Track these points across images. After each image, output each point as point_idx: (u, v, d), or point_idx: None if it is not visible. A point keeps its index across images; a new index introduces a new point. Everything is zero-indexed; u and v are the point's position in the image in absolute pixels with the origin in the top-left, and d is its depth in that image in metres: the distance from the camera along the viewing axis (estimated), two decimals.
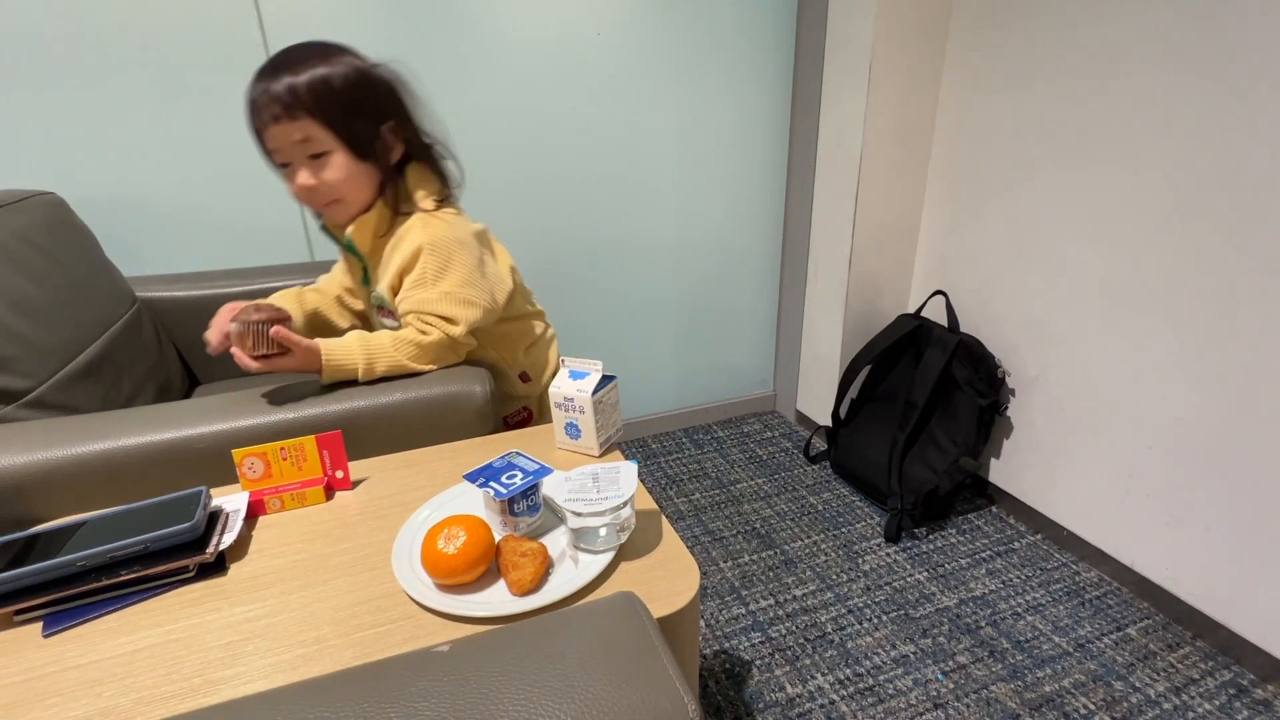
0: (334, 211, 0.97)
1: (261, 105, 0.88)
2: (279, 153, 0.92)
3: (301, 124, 0.90)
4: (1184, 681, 1.17)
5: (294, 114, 0.89)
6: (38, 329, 0.94)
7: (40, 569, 0.62)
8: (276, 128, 0.89)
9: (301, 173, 0.92)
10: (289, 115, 0.89)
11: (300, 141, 0.90)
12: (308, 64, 0.89)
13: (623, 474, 0.69)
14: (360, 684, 0.46)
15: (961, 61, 1.52)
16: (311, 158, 0.91)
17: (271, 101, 0.88)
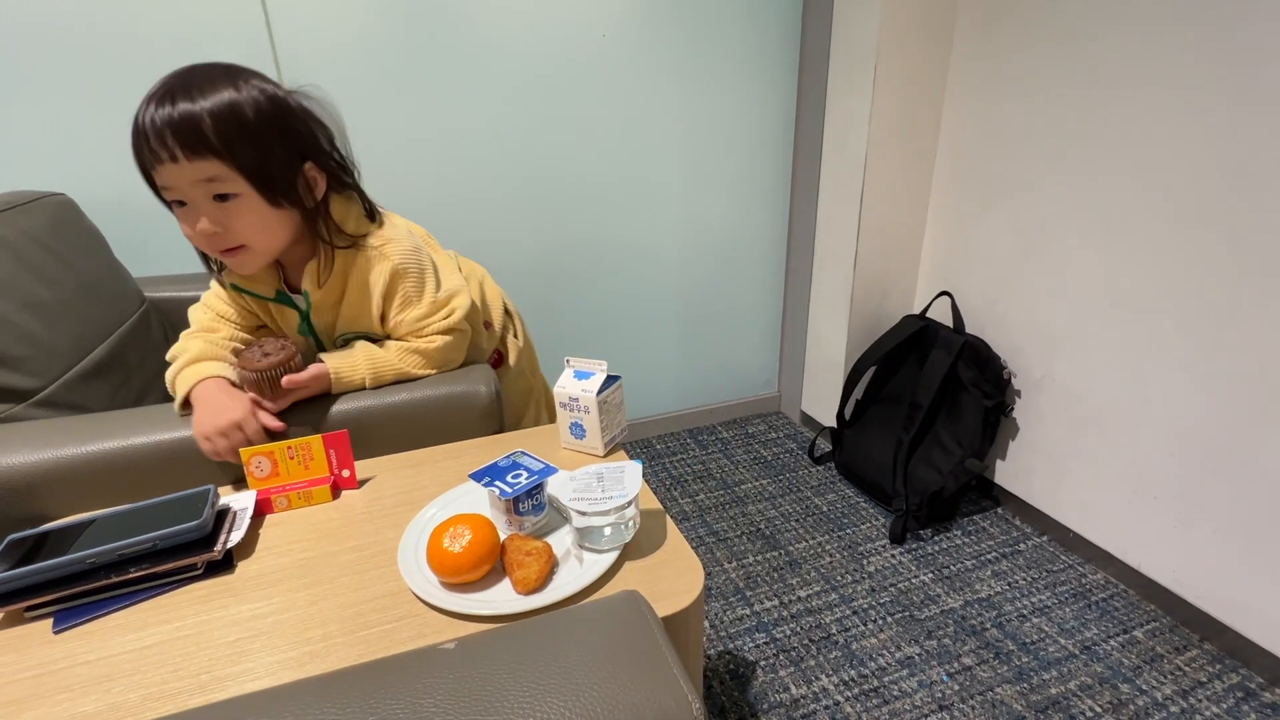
0: (239, 259, 0.83)
1: (152, 137, 0.75)
2: (172, 190, 0.79)
3: (205, 164, 0.77)
4: (1191, 684, 1.16)
5: (196, 152, 0.76)
6: (47, 328, 0.95)
7: (50, 566, 0.63)
8: (172, 167, 0.76)
9: (203, 219, 0.79)
10: (189, 153, 0.76)
11: (203, 181, 0.78)
12: (212, 89, 0.77)
13: (627, 473, 0.69)
14: (366, 681, 0.47)
15: (966, 64, 1.52)
16: (216, 198, 0.79)
17: (166, 134, 0.74)
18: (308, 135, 0.84)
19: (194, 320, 0.94)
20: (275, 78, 1.33)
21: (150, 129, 0.75)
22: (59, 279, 1.02)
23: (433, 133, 1.48)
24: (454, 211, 1.55)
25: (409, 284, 0.91)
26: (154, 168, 0.77)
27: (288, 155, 0.82)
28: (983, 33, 1.46)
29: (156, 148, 0.75)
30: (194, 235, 0.81)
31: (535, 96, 1.53)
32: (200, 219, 0.79)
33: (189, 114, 0.75)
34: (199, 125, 0.76)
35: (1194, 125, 1.13)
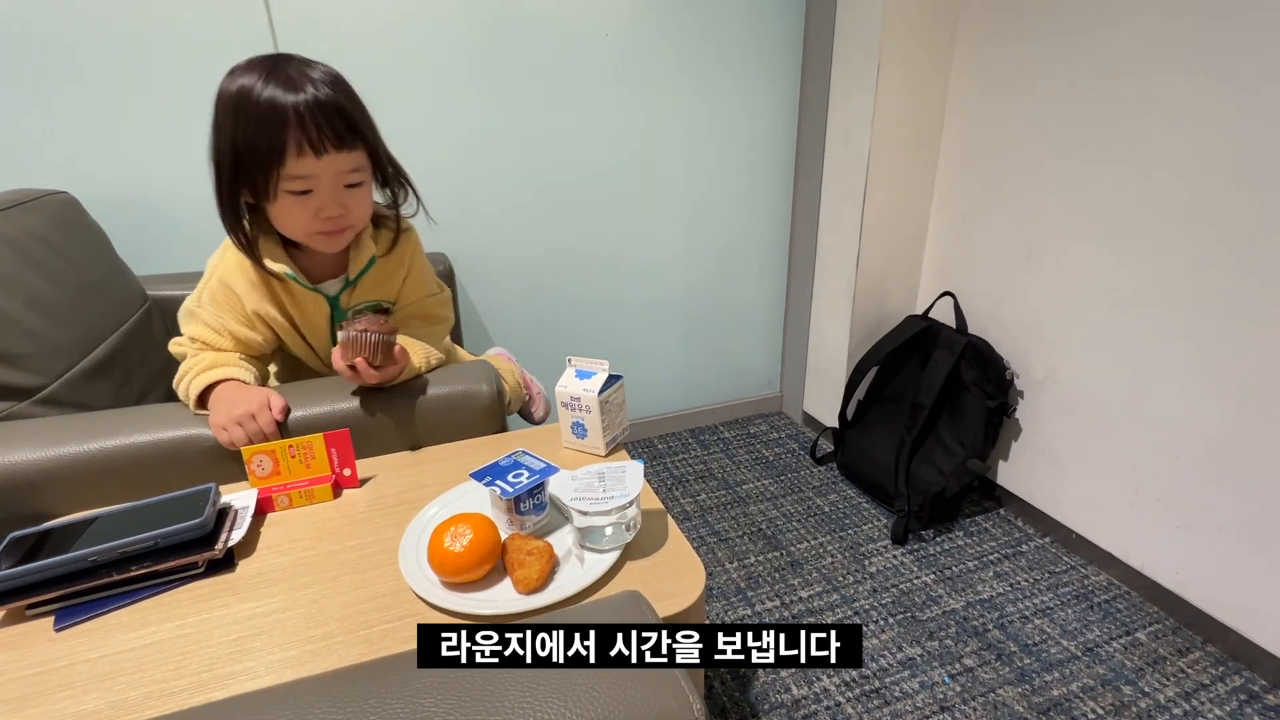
0: (340, 238, 0.86)
1: (310, 128, 0.75)
2: (309, 180, 0.79)
3: (356, 154, 0.81)
4: (1194, 687, 1.16)
5: (351, 142, 0.79)
6: (50, 326, 0.95)
7: (52, 564, 0.63)
8: (331, 157, 0.78)
9: (331, 204, 0.81)
10: (345, 144, 0.78)
11: (347, 171, 0.81)
12: (331, 76, 0.78)
13: (629, 473, 0.69)
14: (366, 680, 0.47)
15: (970, 62, 1.51)
16: (347, 186, 0.82)
17: (328, 124, 0.76)
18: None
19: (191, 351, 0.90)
20: None
21: (307, 116, 0.75)
22: (62, 277, 1.02)
23: (435, 132, 1.48)
24: (455, 211, 1.55)
25: (422, 257, 0.98)
26: (298, 158, 0.77)
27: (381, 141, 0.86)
28: (987, 30, 1.46)
29: (316, 138, 0.76)
30: (309, 221, 0.82)
31: (537, 95, 1.52)
32: (327, 204, 0.81)
33: (339, 104, 0.77)
34: (350, 114, 0.78)
35: (1199, 124, 1.13)
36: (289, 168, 0.78)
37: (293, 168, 0.78)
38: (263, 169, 0.78)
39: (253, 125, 0.76)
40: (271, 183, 0.79)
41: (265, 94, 0.75)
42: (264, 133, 0.76)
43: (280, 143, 0.76)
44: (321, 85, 0.77)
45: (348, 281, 0.93)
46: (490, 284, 1.64)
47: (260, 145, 0.76)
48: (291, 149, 0.76)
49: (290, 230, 0.85)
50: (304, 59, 0.80)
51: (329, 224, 0.83)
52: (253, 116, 0.76)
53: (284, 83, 0.76)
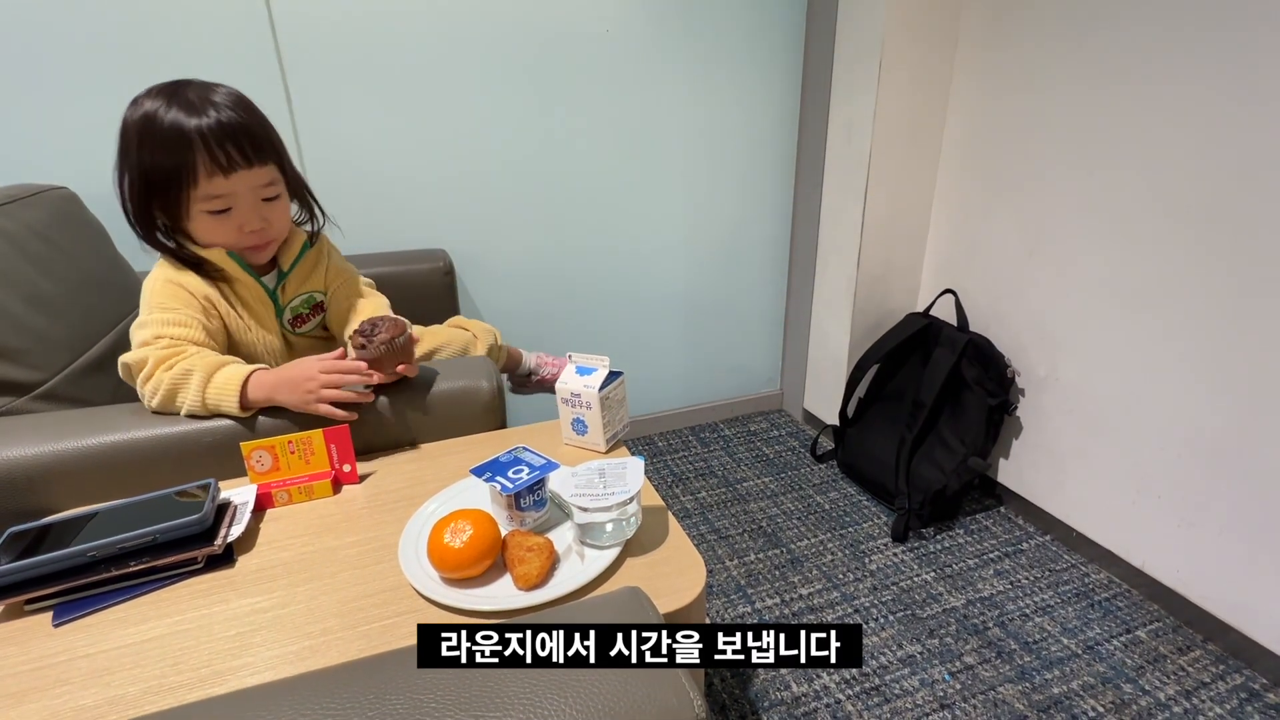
0: (266, 250, 0.92)
1: (215, 148, 0.78)
2: (226, 197, 0.83)
3: (268, 169, 0.84)
4: (1194, 685, 1.16)
5: (261, 157, 0.83)
6: (50, 322, 0.95)
7: (50, 559, 0.63)
8: (242, 174, 0.81)
9: (252, 218, 0.85)
10: (255, 159, 0.82)
11: (262, 186, 0.85)
12: (230, 98, 0.81)
13: (630, 470, 0.69)
14: (366, 675, 0.46)
15: (972, 60, 1.51)
16: (264, 200, 0.86)
17: (232, 143, 0.79)
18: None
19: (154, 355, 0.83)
20: (278, 76, 1.34)
21: (212, 138, 0.78)
22: (61, 272, 1.01)
23: (435, 126, 1.47)
24: (456, 209, 1.55)
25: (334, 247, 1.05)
26: (209, 178, 0.80)
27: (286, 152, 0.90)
28: (989, 28, 1.46)
29: (225, 159, 0.79)
30: (231, 234, 0.85)
31: (537, 91, 1.52)
32: (249, 219, 0.85)
33: (243, 123, 0.80)
34: (255, 131, 0.82)
35: (1201, 122, 1.12)
36: (201, 189, 0.81)
37: (205, 188, 0.81)
38: (174, 192, 0.81)
39: (159, 151, 0.79)
40: (184, 205, 0.82)
41: (168, 119, 0.78)
42: (171, 157, 0.79)
43: (189, 165, 0.79)
44: (224, 108, 0.80)
45: (281, 274, 0.96)
46: (490, 280, 1.63)
47: (169, 169, 0.79)
48: (201, 170, 0.79)
49: (214, 245, 0.87)
50: (205, 82, 0.83)
51: (254, 238, 0.87)
52: (158, 142, 0.78)
53: (186, 107, 0.78)
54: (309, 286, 1.01)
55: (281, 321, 0.99)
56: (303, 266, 0.98)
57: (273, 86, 1.33)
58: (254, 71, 1.32)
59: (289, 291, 0.98)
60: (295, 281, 0.98)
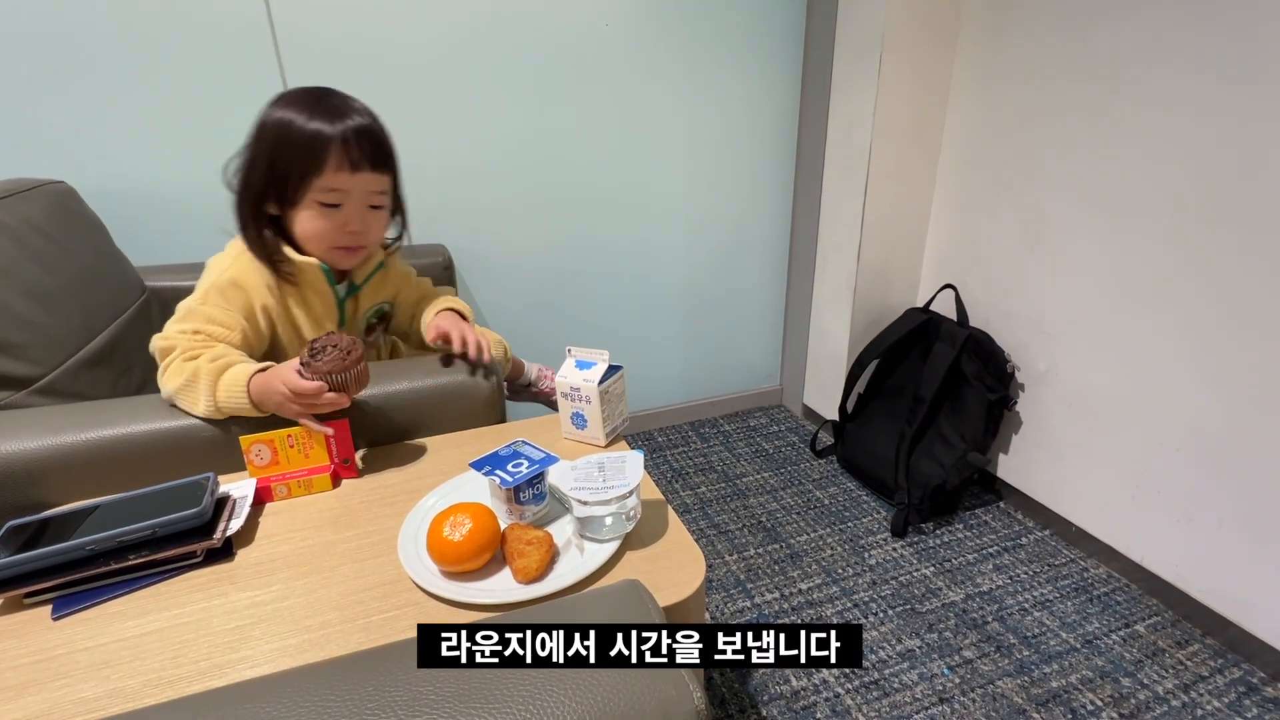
0: (354, 256, 0.93)
1: (353, 146, 0.84)
2: (341, 194, 0.86)
3: (384, 178, 0.89)
4: (1193, 679, 1.16)
5: (383, 166, 0.89)
6: (48, 316, 0.95)
7: (49, 552, 0.63)
8: (360, 175, 0.86)
9: (356, 219, 0.88)
10: (378, 167, 0.87)
11: (374, 193, 0.89)
12: (367, 113, 0.87)
13: (629, 463, 0.69)
14: (365, 668, 0.46)
15: (973, 55, 1.50)
16: (371, 207, 0.90)
17: (365, 146, 0.85)
18: None
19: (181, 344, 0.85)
20: (277, 72, 1.33)
21: (350, 137, 0.84)
22: (60, 266, 1.01)
23: (436, 122, 1.47)
24: (456, 204, 1.54)
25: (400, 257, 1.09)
26: (335, 171, 0.84)
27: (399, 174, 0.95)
28: (989, 23, 1.45)
29: (356, 157, 0.84)
30: (332, 232, 0.88)
31: (537, 85, 1.52)
32: (353, 219, 0.88)
33: (378, 132, 0.88)
34: (386, 143, 0.89)
35: (1201, 119, 1.12)
36: (324, 179, 0.84)
37: (328, 179, 0.84)
38: (299, 177, 0.84)
39: (295, 145, 0.83)
40: (303, 190, 0.85)
41: (310, 124, 0.83)
42: (305, 148, 0.83)
43: (322, 156, 0.83)
44: (360, 114, 0.87)
45: (352, 286, 0.98)
46: (490, 275, 1.63)
47: (300, 159, 0.84)
48: (331, 162, 0.84)
49: (311, 239, 0.89)
50: (344, 94, 0.89)
51: (351, 239, 0.89)
52: (297, 139, 0.83)
53: (328, 112, 0.84)
54: (379, 298, 1.04)
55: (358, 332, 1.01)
56: (374, 282, 1.01)
57: (270, 82, 1.33)
58: (253, 64, 1.31)
59: (361, 304, 1.01)
60: (367, 296, 1.01)
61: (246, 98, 1.32)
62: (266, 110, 0.86)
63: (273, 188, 0.86)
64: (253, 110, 0.91)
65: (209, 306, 0.88)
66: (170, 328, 0.87)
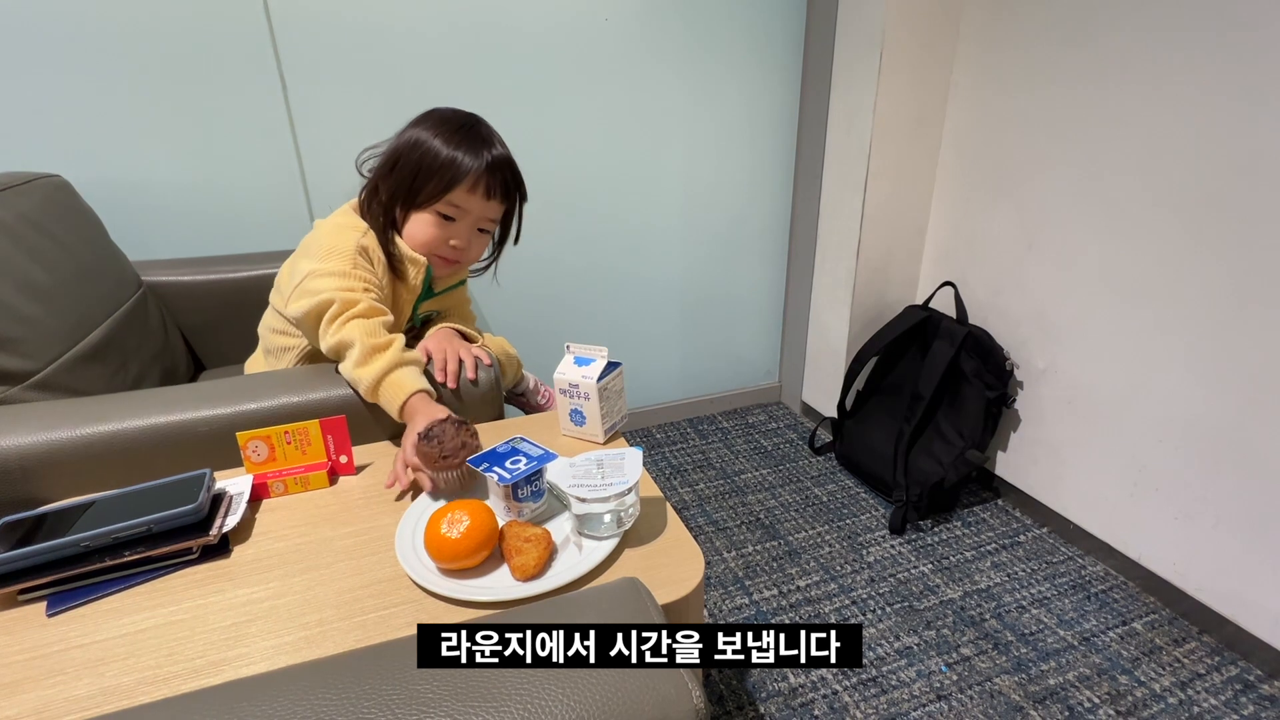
0: (450, 270, 1.01)
1: (495, 176, 0.92)
2: (461, 211, 0.93)
3: (501, 207, 0.97)
4: (1190, 676, 1.16)
5: (507, 197, 0.96)
6: (43, 311, 0.94)
7: (44, 549, 0.62)
8: (493, 202, 0.94)
9: (461, 237, 0.95)
10: (504, 197, 0.95)
11: (489, 219, 0.97)
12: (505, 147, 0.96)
13: (628, 460, 0.69)
14: (363, 666, 0.46)
15: (973, 52, 1.50)
16: (479, 230, 0.97)
17: (502, 177, 0.93)
18: None
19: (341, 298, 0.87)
20: (274, 66, 1.32)
21: (497, 167, 0.92)
22: (55, 261, 1.00)
23: None
24: None
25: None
26: (469, 192, 0.91)
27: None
28: (990, 21, 1.44)
29: (492, 184, 0.92)
30: (438, 241, 0.95)
31: (535, 81, 1.51)
32: (458, 237, 0.95)
33: (515, 168, 0.96)
34: (519, 179, 0.97)
35: (1200, 117, 1.12)
36: (455, 195, 0.91)
37: (458, 197, 0.92)
38: (437, 186, 0.91)
39: (455, 149, 0.90)
40: (434, 199, 0.92)
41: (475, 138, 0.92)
42: (460, 159, 0.90)
43: (464, 172, 0.90)
44: (504, 146, 0.96)
45: (429, 290, 1.03)
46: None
47: (448, 167, 0.90)
48: (468, 182, 0.91)
49: (416, 239, 0.95)
50: (490, 126, 0.97)
51: (453, 253, 0.96)
52: (460, 143, 0.90)
53: (475, 141, 0.92)
54: (437, 307, 1.10)
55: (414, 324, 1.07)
56: (445, 296, 1.08)
57: (267, 77, 1.32)
58: (250, 61, 1.30)
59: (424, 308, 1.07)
60: (433, 303, 1.08)
61: (243, 93, 1.33)
62: (417, 121, 0.94)
63: (407, 193, 0.93)
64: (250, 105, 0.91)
65: (361, 270, 0.90)
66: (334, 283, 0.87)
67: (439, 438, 0.73)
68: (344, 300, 0.86)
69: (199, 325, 1.31)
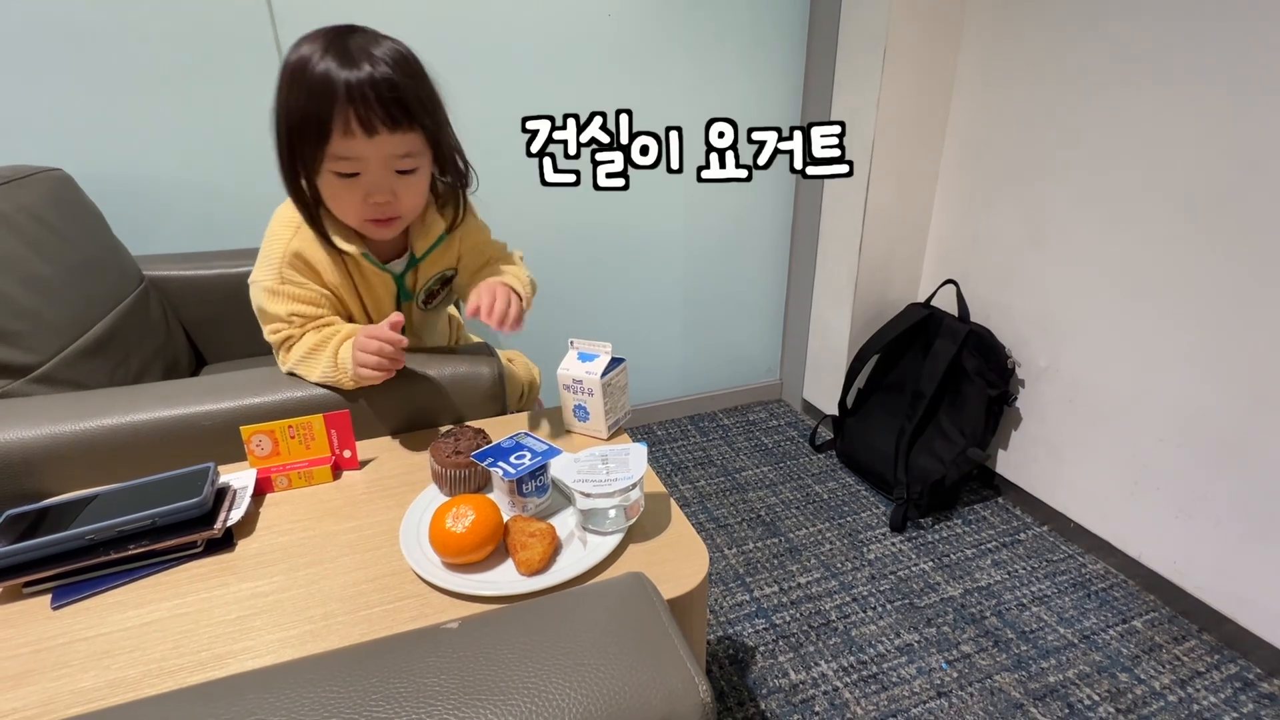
0: (388, 228, 0.82)
1: (359, 105, 0.71)
2: (355, 162, 0.75)
3: (410, 137, 0.76)
4: (1190, 674, 1.16)
5: (408, 124, 0.75)
6: (46, 304, 0.94)
7: (49, 542, 0.62)
8: (384, 137, 0.73)
9: (381, 189, 0.77)
10: (401, 125, 0.74)
11: (398, 155, 0.76)
12: (396, 54, 0.74)
13: (632, 456, 0.69)
14: (369, 659, 0.46)
15: (977, 49, 1.50)
16: (399, 172, 0.78)
17: (374, 104, 0.71)
18: (440, 99, 0.82)
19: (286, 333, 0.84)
20: (276, 60, 1.32)
21: (358, 93, 0.70)
22: (57, 255, 1.00)
23: None
24: None
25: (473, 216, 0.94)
26: (344, 136, 0.72)
27: (447, 124, 0.81)
28: (994, 16, 1.44)
29: (368, 118, 0.71)
30: (355, 203, 0.78)
31: (538, 76, 1.50)
32: (377, 188, 0.77)
33: (399, 84, 0.72)
34: (407, 96, 0.73)
35: (1205, 114, 1.11)
36: (334, 146, 0.74)
37: (338, 146, 0.74)
38: (311, 144, 0.74)
39: (304, 96, 0.73)
40: (318, 160, 0.76)
41: (320, 66, 0.72)
42: (314, 105, 0.72)
43: (328, 118, 0.72)
44: (381, 63, 0.73)
45: (413, 259, 0.89)
46: None
47: (310, 118, 0.73)
48: (338, 126, 0.72)
49: (341, 214, 0.81)
50: (374, 33, 0.76)
51: (377, 210, 0.79)
52: (305, 87, 0.72)
53: (342, 56, 0.72)
54: (441, 266, 0.94)
55: (415, 303, 0.94)
56: (437, 252, 0.90)
57: (270, 70, 1.32)
58: (252, 52, 1.30)
59: (421, 276, 0.92)
60: (428, 267, 0.92)
61: (246, 86, 1.32)
62: (288, 52, 0.75)
63: (295, 163, 0.78)
64: (252, 99, 0.88)
65: (289, 286, 0.83)
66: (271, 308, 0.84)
67: (456, 435, 0.75)
68: (275, 342, 0.85)
69: (201, 320, 1.31)
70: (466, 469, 0.73)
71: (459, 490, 0.73)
